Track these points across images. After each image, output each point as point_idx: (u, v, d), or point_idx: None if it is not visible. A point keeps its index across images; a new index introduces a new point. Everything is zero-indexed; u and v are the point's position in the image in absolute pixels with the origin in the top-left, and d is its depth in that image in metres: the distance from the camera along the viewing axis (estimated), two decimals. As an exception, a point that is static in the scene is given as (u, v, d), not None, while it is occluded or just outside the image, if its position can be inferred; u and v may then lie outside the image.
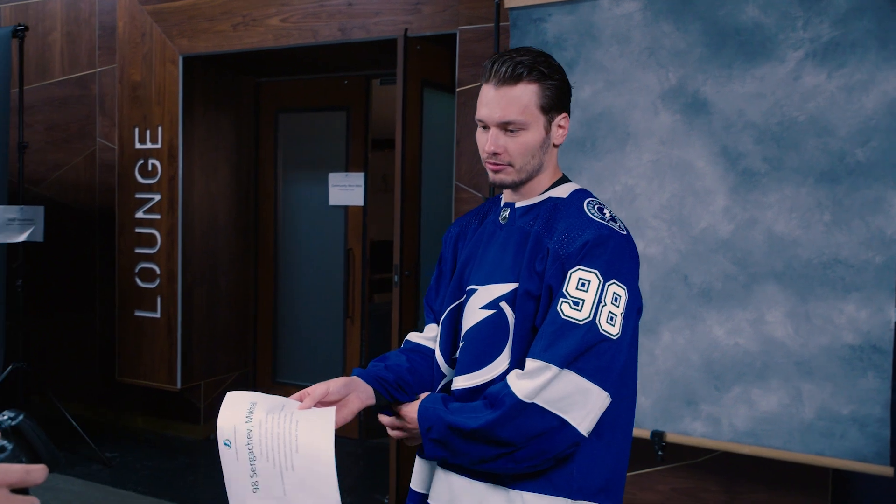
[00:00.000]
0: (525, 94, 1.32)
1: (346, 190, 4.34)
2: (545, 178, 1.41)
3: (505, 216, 1.42)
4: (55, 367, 4.52)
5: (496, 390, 1.26)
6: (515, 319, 1.32)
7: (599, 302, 1.24)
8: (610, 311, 1.25)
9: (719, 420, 2.47)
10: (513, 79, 1.31)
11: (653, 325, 2.61)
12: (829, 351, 2.30)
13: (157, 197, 4.09)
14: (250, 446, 1.16)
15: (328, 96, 4.46)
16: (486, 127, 1.36)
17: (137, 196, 4.15)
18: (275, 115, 4.62)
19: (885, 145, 2.26)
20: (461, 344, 1.40)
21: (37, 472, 0.74)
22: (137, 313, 4.16)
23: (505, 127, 1.33)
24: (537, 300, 1.31)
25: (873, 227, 2.26)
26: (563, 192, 1.40)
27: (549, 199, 1.39)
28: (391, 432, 1.40)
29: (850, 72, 2.31)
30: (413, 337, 1.58)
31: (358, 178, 4.32)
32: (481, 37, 3.20)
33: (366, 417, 4.37)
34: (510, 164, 1.35)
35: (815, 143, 2.36)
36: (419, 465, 1.45)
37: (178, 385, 4.10)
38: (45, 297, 4.56)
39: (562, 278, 1.27)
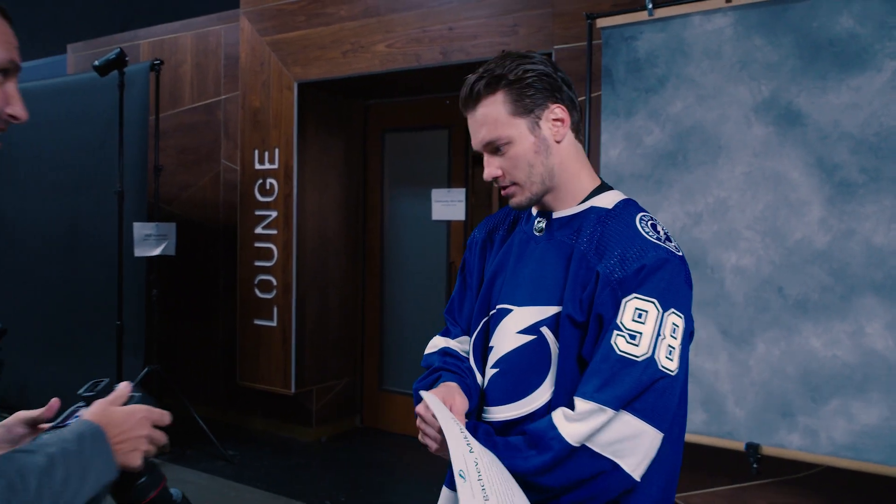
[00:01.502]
0: (491, 109, 1.23)
1: (449, 205, 4.52)
2: (577, 183, 1.28)
3: (541, 227, 1.30)
4: (184, 370, 4.92)
5: (541, 430, 1.14)
6: (559, 347, 1.21)
7: (658, 335, 1.12)
8: (669, 345, 1.13)
9: (817, 433, 2.45)
10: (473, 100, 1.25)
11: (746, 336, 2.62)
12: (930, 364, 2.25)
13: (274, 214, 4.41)
14: (482, 482, 1.06)
15: (431, 116, 4.66)
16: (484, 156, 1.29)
17: (257, 213, 4.48)
18: (381, 134, 4.87)
19: None
20: (494, 370, 1.29)
21: (168, 415, 1.02)
22: (256, 322, 4.49)
23: (491, 150, 1.25)
24: (583, 327, 1.19)
25: (978, 238, 2.20)
26: (607, 201, 1.27)
27: (592, 208, 1.26)
28: (421, 425, 1.24)
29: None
30: (447, 344, 1.43)
31: (459, 194, 4.49)
32: (575, 55, 3.30)
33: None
34: (515, 184, 1.26)
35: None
36: (446, 496, 1.34)
37: (293, 389, 4.38)
38: (175, 306, 4.98)
39: (615, 307, 1.14)
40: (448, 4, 3.76)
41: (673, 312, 1.15)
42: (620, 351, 1.12)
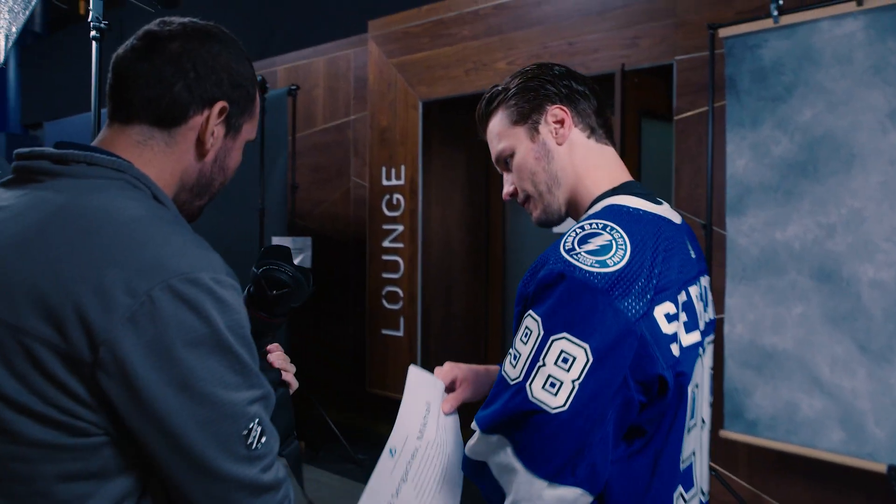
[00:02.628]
0: (495, 125, 1.22)
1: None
2: (584, 189, 1.16)
3: None
4: (317, 377, 5.21)
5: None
6: None
7: (535, 360, 0.96)
8: (552, 376, 0.95)
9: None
10: (483, 121, 1.25)
11: (886, 352, 2.51)
12: None
13: (401, 228, 4.60)
14: (409, 465, 1.11)
15: (552, 129, 4.71)
16: None
17: (384, 227, 4.69)
18: (503, 148, 4.96)
19: None
20: None
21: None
22: (384, 331, 4.69)
23: (503, 166, 1.23)
24: None
25: None
26: (598, 208, 1.12)
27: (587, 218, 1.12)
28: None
29: None
30: None
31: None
32: (697, 65, 3.27)
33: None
34: (528, 197, 1.20)
35: None
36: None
37: (418, 396, 4.54)
38: (309, 315, 5.29)
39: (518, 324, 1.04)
40: (569, 20, 3.81)
41: (565, 338, 0.95)
42: (503, 371, 1.01)
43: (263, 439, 0.86)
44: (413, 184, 4.55)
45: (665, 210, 1.14)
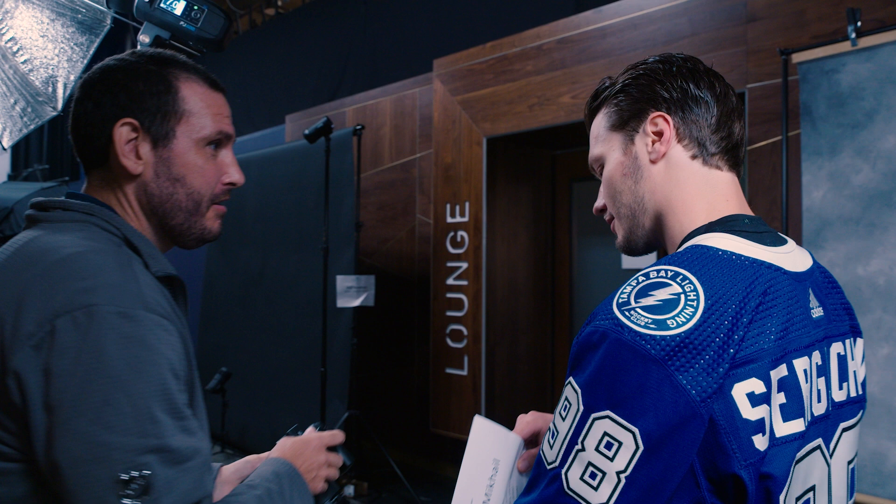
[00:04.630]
0: (595, 127, 1.03)
1: (638, 253, 4.40)
2: (679, 219, 0.94)
3: None
4: (381, 416, 5.16)
5: None
6: None
7: (573, 444, 0.77)
8: (593, 464, 0.75)
9: None
10: (587, 118, 1.06)
11: None
12: None
13: (465, 265, 4.55)
14: None
15: (619, 163, 4.60)
16: None
17: (448, 264, 4.65)
18: (569, 184, 4.88)
19: None
20: None
21: (339, 434, 1.14)
22: (447, 370, 4.62)
23: (597, 173, 1.04)
24: None
25: None
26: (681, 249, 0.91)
27: None
28: None
29: None
30: None
31: (650, 242, 4.37)
32: (770, 93, 3.12)
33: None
34: (614, 216, 1.00)
35: None
36: None
37: (483, 438, 4.43)
38: (374, 354, 5.27)
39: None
40: (634, 51, 3.73)
41: (608, 418, 0.75)
42: (542, 448, 0.82)
43: (149, 496, 0.79)
44: (477, 220, 4.51)
45: (781, 254, 0.88)
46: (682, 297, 0.78)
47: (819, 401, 0.85)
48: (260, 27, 7.37)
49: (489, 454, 1.05)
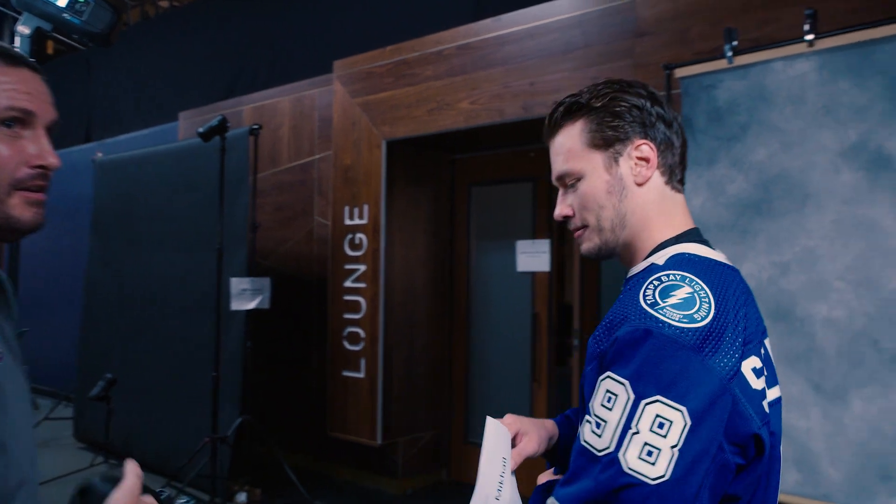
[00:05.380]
0: (567, 139, 1.09)
1: (533, 256, 4.53)
2: (648, 234, 1.07)
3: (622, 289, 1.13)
4: (277, 420, 5.07)
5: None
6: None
7: (627, 427, 0.89)
8: (647, 443, 0.88)
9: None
10: (552, 128, 1.12)
11: (840, 392, 2.48)
12: None
13: (363, 267, 4.54)
14: None
15: (516, 168, 4.72)
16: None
17: (346, 267, 4.63)
18: (467, 188, 4.96)
19: None
20: None
21: (132, 470, 0.87)
22: (344, 373, 4.59)
23: (564, 184, 1.12)
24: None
25: None
26: (662, 256, 1.04)
27: (652, 266, 1.04)
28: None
29: None
30: None
31: (544, 245, 4.50)
32: (655, 106, 3.28)
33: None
34: (585, 226, 1.11)
35: None
36: None
37: (379, 441, 4.43)
38: (270, 357, 5.17)
39: (594, 386, 0.96)
40: (530, 60, 3.84)
41: (658, 401, 0.88)
42: (584, 440, 0.93)
43: None
44: (376, 223, 4.51)
45: (721, 256, 1.07)
46: (696, 295, 0.94)
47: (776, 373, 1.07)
48: (153, 19, 7.11)
49: (500, 452, 1.11)
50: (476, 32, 4.10)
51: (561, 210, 1.12)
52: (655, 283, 0.97)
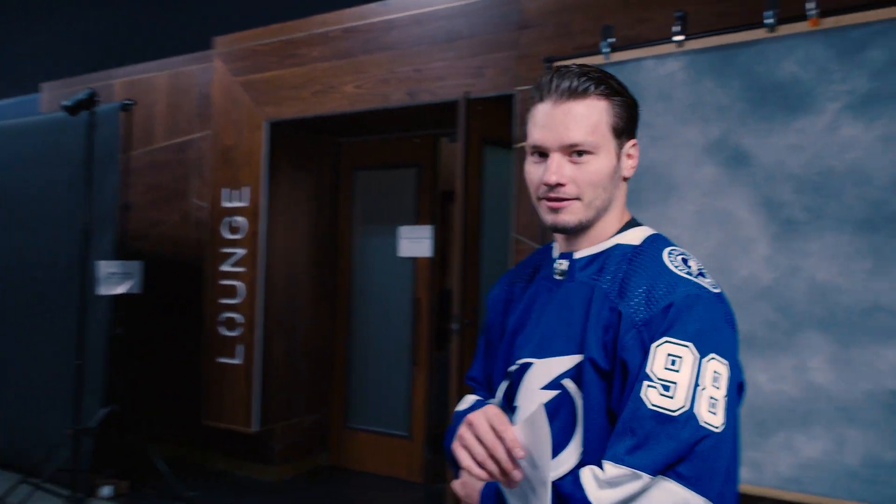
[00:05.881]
0: (594, 111, 1.09)
1: (415, 242, 4.56)
2: (612, 220, 1.15)
3: (562, 269, 1.17)
4: (151, 410, 4.86)
5: (566, 492, 0.99)
6: (584, 401, 1.06)
7: (696, 385, 0.97)
8: (711, 397, 0.97)
9: (762, 466, 2.47)
10: (579, 93, 1.08)
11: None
12: (871, 397, 2.30)
13: (242, 251, 4.43)
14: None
15: (401, 154, 4.74)
16: (542, 154, 1.11)
17: (224, 250, 4.49)
18: (352, 172, 4.93)
19: (925, 193, 2.29)
20: None
21: None
22: (220, 360, 4.46)
23: (570, 151, 1.09)
24: (609, 376, 1.04)
25: (914, 274, 2.27)
26: (634, 237, 1.15)
27: (618, 246, 1.14)
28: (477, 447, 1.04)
29: (887, 123, 2.36)
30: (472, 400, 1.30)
31: (426, 231, 4.54)
32: (536, 97, 3.38)
33: (431, 459, 4.49)
34: (578, 199, 1.10)
35: (854, 193, 2.40)
36: None
37: (255, 427, 4.34)
38: (143, 344, 4.94)
39: (642, 353, 1.01)
40: (416, 47, 3.86)
41: (713, 358, 0.99)
42: (653, 405, 0.97)
43: None
44: (257, 206, 4.40)
45: None
46: (696, 265, 1.10)
47: None
48: (13, -18, 6.59)
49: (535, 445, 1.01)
50: (363, 16, 4.07)
51: (558, 177, 1.09)
52: (675, 255, 1.10)
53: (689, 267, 1.09)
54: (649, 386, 0.98)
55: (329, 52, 4.18)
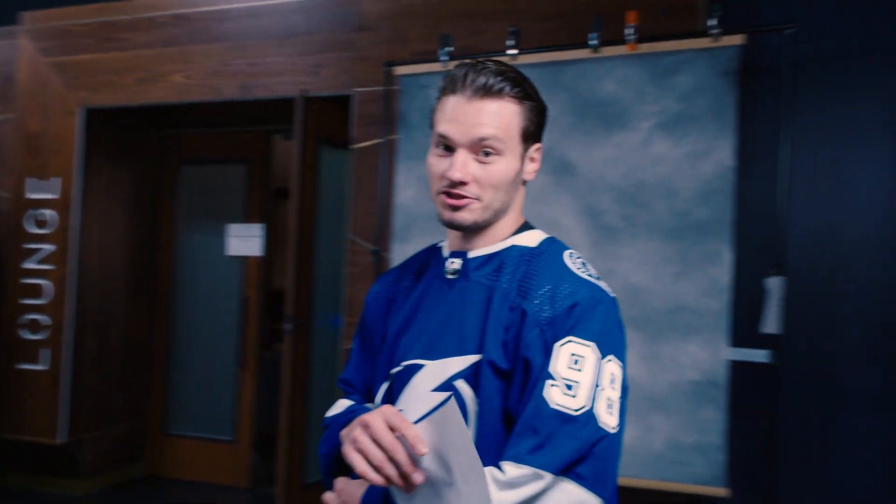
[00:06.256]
0: (505, 112, 1.08)
1: (245, 240, 4.43)
2: (509, 222, 1.16)
3: (454, 268, 1.14)
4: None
5: None
6: (479, 403, 1.03)
7: (597, 385, 0.98)
8: (608, 398, 0.98)
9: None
10: (493, 92, 1.07)
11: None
12: (675, 387, 2.55)
13: (50, 247, 4.06)
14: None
15: (231, 149, 4.58)
16: (448, 148, 1.09)
17: (28, 246, 4.10)
18: (179, 166, 4.69)
19: (720, 206, 2.57)
20: None
21: None
22: (21, 366, 4.07)
23: (478, 149, 1.07)
24: (507, 377, 1.02)
25: (711, 278, 2.55)
26: (530, 239, 1.16)
27: (514, 247, 1.14)
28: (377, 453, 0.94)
29: (693, 141, 2.64)
30: (346, 405, 1.23)
31: (257, 230, 4.42)
32: (374, 98, 3.42)
33: (258, 463, 4.37)
34: (478, 199, 1.09)
35: (664, 204, 2.65)
36: None
37: (63, 439, 4.00)
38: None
39: (544, 351, 1.00)
40: (251, 40, 3.75)
41: (611, 360, 1.01)
42: (556, 404, 0.96)
43: None
44: (68, 199, 4.06)
45: None
46: (592, 269, 1.13)
47: None
48: None
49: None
50: (194, 3, 3.90)
51: (462, 174, 1.07)
52: (574, 258, 1.12)
53: (588, 270, 1.11)
54: (552, 385, 0.97)
55: (156, 39, 3.95)
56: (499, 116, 1.08)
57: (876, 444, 2.67)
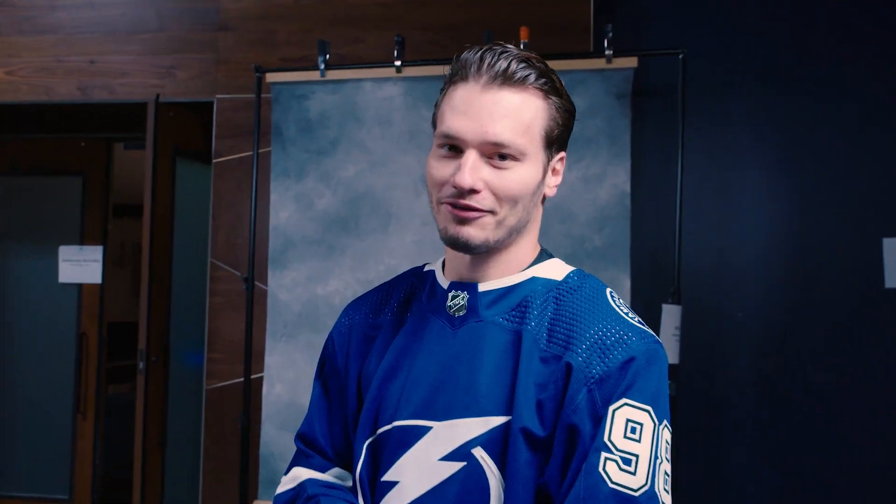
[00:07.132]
0: (528, 108, 0.87)
1: (80, 265, 3.89)
2: (527, 247, 0.95)
3: (461, 304, 0.92)
4: None
5: None
6: (506, 478, 0.83)
7: (656, 458, 0.81)
8: (666, 472, 0.82)
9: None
10: (515, 81, 0.86)
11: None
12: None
13: None
14: None
15: (63, 159, 4.02)
16: (452, 148, 0.88)
17: None
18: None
19: (616, 232, 2.50)
20: None
21: None
22: None
23: (492, 152, 0.86)
24: (544, 446, 0.83)
25: (613, 307, 2.46)
26: (553, 271, 0.95)
27: (535, 279, 0.92)
28: None
29: (587, 165, 2.55)
30: (315, 476, 1.00)
31: (95, 252, 3.89)
32: (240, 107, 3.08)
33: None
34: (491, 212, 0.87)
35: (561, 229, 2.54)
36: None
37: None
38: None
39: (592, 415, 0.82)
40: (91, 34, 3.29)
41: (666, 426, 0.84)
42: (613, 483, 0.79)
43: None
44: None
45: None
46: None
47: None
48: None
49: None
50: (19, -11, 3.36)
51: (474, 181, 0.85)
52: (619, 301, 0.93)
53: (632, 312, 0.92)
54: (608, 458, 0.79)
55: (-30, 27, 3.37)
56: (519, 112, 0.86)
57: (765, 474, 2.70)
